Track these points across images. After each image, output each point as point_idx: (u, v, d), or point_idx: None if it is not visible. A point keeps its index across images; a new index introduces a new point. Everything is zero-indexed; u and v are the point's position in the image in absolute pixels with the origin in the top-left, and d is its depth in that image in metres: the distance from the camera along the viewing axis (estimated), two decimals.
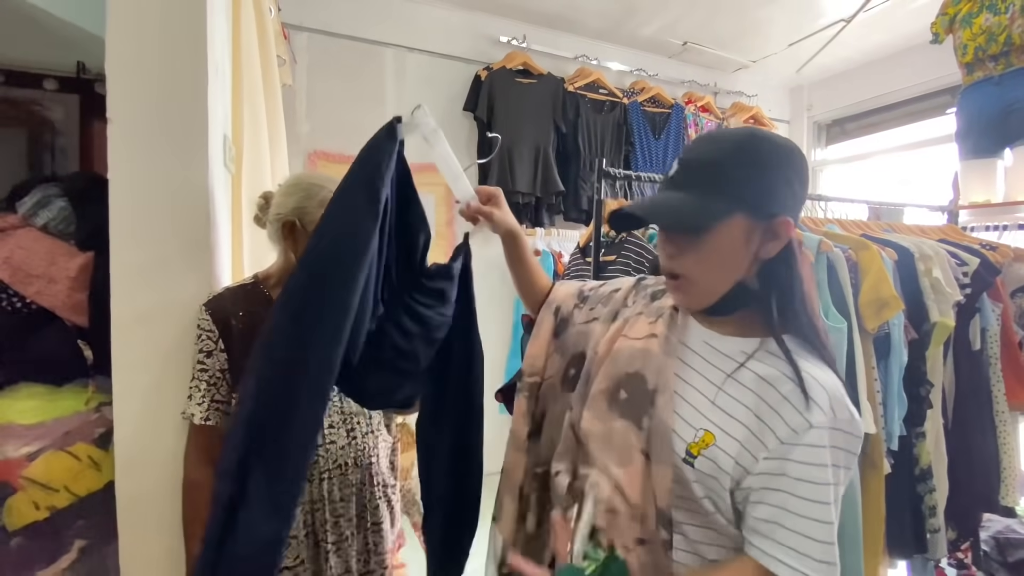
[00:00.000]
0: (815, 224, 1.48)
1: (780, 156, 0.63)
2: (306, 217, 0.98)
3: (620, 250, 1.16)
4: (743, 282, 0.65)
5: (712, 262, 0.64)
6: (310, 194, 0.99)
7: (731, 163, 0.62)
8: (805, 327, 0.64)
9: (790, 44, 3.16)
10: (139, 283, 0.95)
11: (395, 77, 2.61)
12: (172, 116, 0.97)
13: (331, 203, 0.79)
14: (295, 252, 1.01)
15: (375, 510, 1.06)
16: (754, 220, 0.62)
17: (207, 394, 0.93)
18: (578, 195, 2.76)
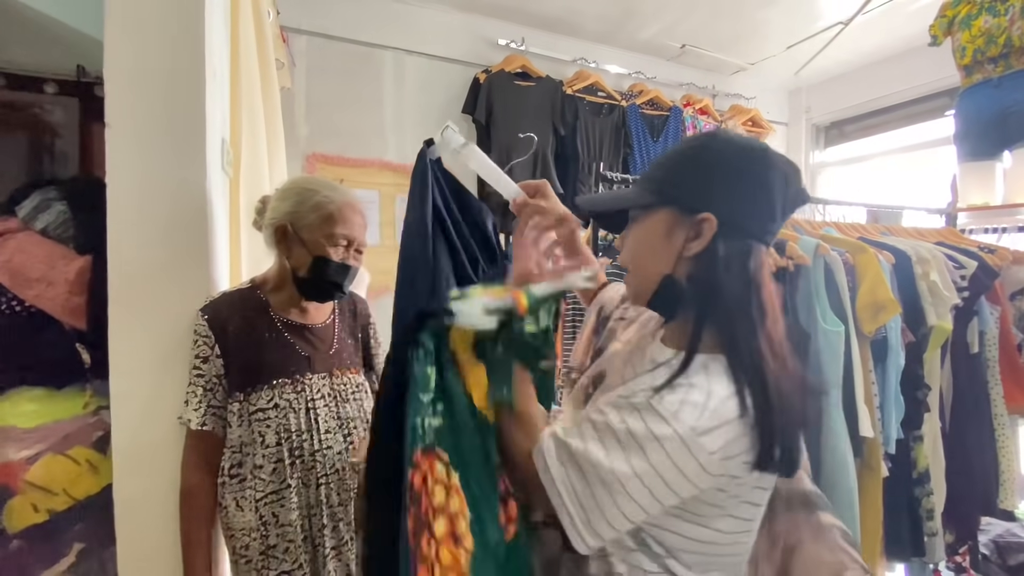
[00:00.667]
0: (812, 227, 1.49)
1: (726, 157, 0.62)
2: (299, 222, 0.99)
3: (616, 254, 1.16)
4: (672, 279, 0.63)
5: (638, 252, 0.67)
6: (303, 199, 1.00)
7: (673, 162, 0.66)
8: (739, 345, 0.59)
9: (788, 47, 3.16)
10: (137, 287, 0.95)
11: (394, 80, 2.61)
12: (170, 120, 0.98)
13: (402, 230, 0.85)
14: (288, 257, 1.01)
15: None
16: (680, 215, 0.62)
17: (204, 399, 0.93)
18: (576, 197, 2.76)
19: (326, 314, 1.10)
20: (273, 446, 0.95)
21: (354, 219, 1.02)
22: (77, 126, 1.80)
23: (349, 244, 1.02)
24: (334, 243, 0.99)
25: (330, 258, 0.98)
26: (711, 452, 0.54)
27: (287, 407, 0.96)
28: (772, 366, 0.58)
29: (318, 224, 0.98)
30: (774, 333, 0.60)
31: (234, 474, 0.94)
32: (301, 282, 1.00)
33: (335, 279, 1.00)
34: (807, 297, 1.25)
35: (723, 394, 0.57)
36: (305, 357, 1.02)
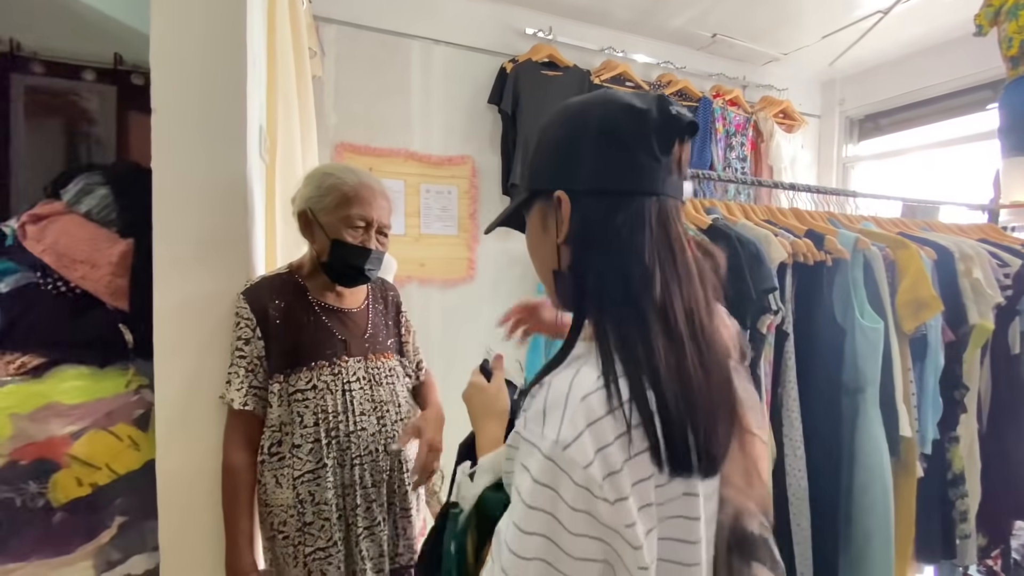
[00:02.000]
0: (850, 221, 1.45)
1: (554, 125, 0.56)
2: (316, 206, 1.00)
3: None
4: (559, 272, 0.56)
5: (531, 255, 0.61)
6: (320, 183, 1.01)
7: (530, 151, 0.61)
8: (610, 321, 0.49)
9: (824, 36, 3.07)
10: (180, 270, 0.98)
11: (421, 70, 2.61)
12: (213, 107, 0.99)
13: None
14: (312, 241, 1.03)
15: (404, 496, 1.08)
16: (545, 204, 0.56)
17: (245, 380, 0.95)
18: None
19: (361, 299, 1.12)
20: (311, 426, 0.96)
21: (372, 199, 1.01)
22: (114, 113, 1.85)
23: (368, 226, 1.01)
24: (350, 224, 0.99)
25: (346, 240, 0.98)
26: (585, 466, 0.43)
27: (325, 388, 0.98)
28: (662, 343, 0.47)
29: (333, 206, 0.99)
30: (672, 303, 0.49)
31: (274, 452, 0.97)
32: (326, 268, 1.02)
33: (354, 262, 1.00)
34: (844, 292, 1.22)
35: (587, 387, 0.46)
36: (342, 340, 1.03)
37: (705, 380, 0.48)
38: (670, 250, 0.51)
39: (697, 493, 0.48)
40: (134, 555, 1.13)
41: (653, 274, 0.50)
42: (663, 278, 0.50)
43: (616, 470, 0.44)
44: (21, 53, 1.72)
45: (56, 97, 1.82)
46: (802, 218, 1.36)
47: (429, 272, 2.68)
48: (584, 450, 0.43)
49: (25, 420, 1.06)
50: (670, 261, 0.51)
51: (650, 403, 0.45)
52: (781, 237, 1.14)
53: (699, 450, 0.46)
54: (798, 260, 1.14)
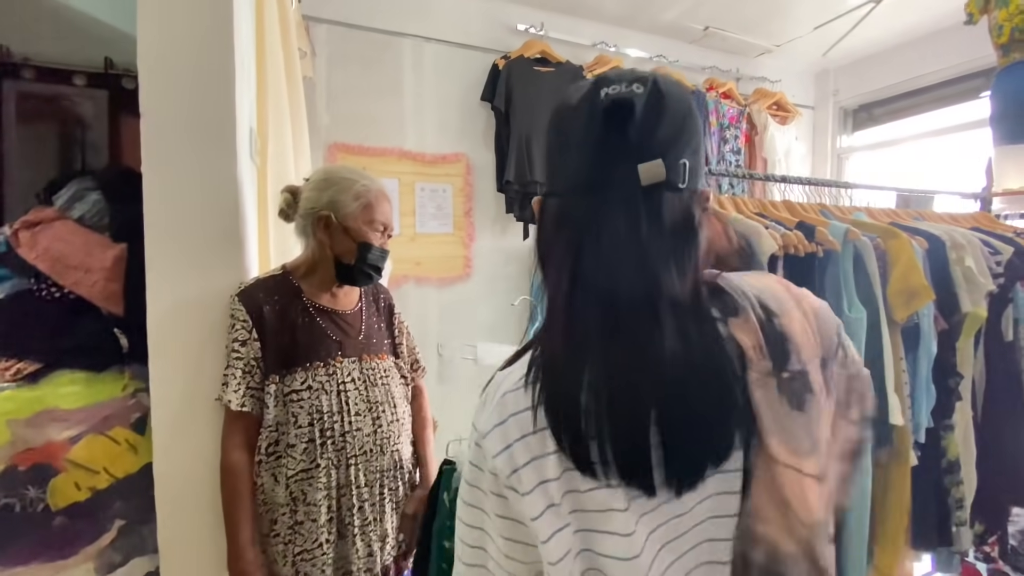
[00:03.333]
0: (842, 212, 1.45)
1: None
2: (341, 211, 1.03)
3: None
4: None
5: None
6: (343, 188, 1.04)
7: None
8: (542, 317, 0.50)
9: (816, 27, 3.07)
10: (173, 274, 0.98)
11: (413, 68, 2.61)
12: (202, 111, 0.99)
13: None
14: (331, 246, 1.05)
15: (395, 495, 1.08)
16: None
17: (243, 381, 0.96)
18: None
19: (354, 301, 1.12)
20: (306, 426, 0.97)
21: (386, 206, 1.08)
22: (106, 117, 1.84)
23: (385, 229, 1.08)
24: (375, 228, 1.05)
25: (372, 243, 1.04)
26: (493, 456, 0.46)
27: (320, 389, 0.99)
28: (574, 349, 0.46)
29: (360, 212, 1.04)
30: (584, 307, 0.46)
31: (271, 452, 0.97)
32: (346, 268, 1.05)
33: (376, 262, 1.06)
34: (835, 284, 1.23)
35: (508, 386, 0.48)
36: (336, 341, 1.04)
37: (633, 389, 0.44)
38: (597, 249, 0.46)
39: (623, 508, 0.44)
40: (134, 558, 1.14)
41: (571, 278, 0.46)
42: (582, 282, 0.46)
43: (519, 466, 0.45)
44: (11, 59, 1.72)
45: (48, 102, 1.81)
46: (794, 210, 1.36)
47: (425, 271, 2.69)
48: (494, 443, 0.46)
49: (23, 426, 1.07)
50: (598, 261, 0.46)
51: (559, 409, 0.44)
52: (772, 229, 1.14)
53: (606, 459, 0.43)
54: (789, 252, 1.14)
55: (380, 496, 1.05)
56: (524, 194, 2.62)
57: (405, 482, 1.11)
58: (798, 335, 0.49)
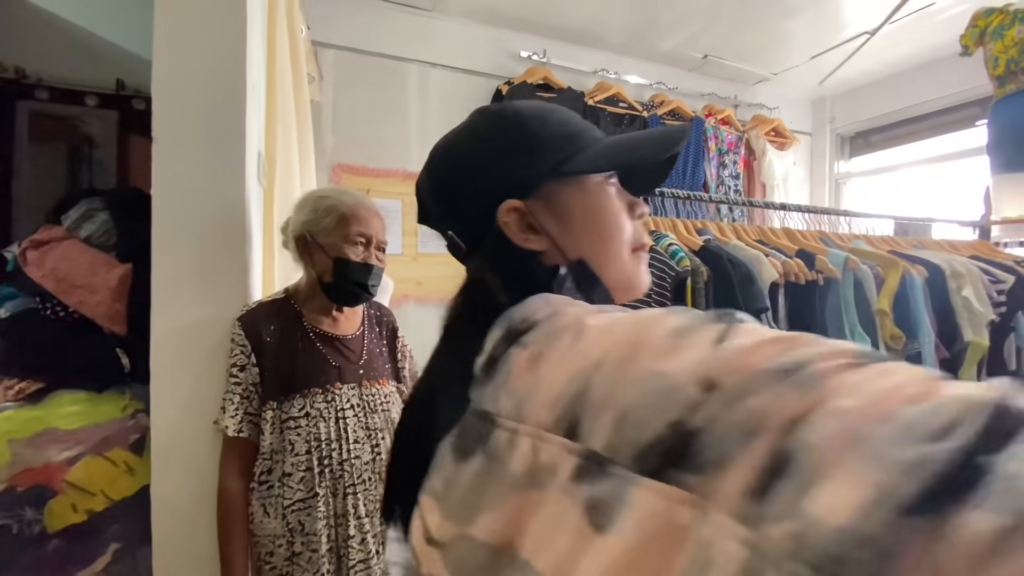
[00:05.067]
0: (841, 240, 1.47)
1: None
2: (315, 228, 1.02)
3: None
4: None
5: None
6: (316, 206, 1.03)
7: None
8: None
9: (812, 56, 3.14)
10: (178, 296, 0.99)
11: (418, 92, 2.66)
12: (212, 135, 1.01)
13: None
14: (312, 266, 1.04)
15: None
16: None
17: (240, 407, 0.95)
18: None
19: (356, 325, 1.12)
20: (303, 454, 0.96)
21: (368, 218, 1.04)
22: (115, 137, 1.88)
23: (368, 243, 1.04)
24: (351, 242, 1.01)
25: (349, 258, 1.01)
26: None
27: (318, 416, 0.98)
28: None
29: (333, 227, 1.01)
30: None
31: (263, 481, 0.96)
32: (328, 288, 1.03)
33: (357, 279, 1.02)
34: (836, 312, 1.23)
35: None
36: (335, 367, 1.04)
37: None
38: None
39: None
40: None
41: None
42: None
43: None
44: (26, 80, 1.75)
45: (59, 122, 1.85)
46: (794, 238, 1.37)
47: (427, 291, 2.69)
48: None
49: (23, 446, 1.06)
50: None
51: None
52: (772, 257, 1.15)
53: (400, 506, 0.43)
54: (789, 280, 1.15)
55: (380, 528, 1.04)
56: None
57: None
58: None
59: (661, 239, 1.17)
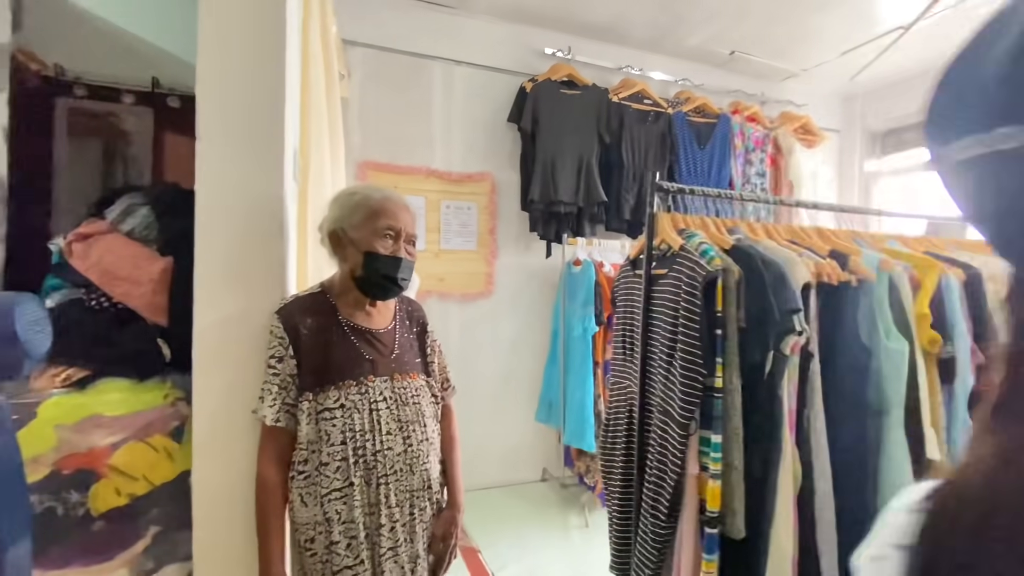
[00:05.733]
0: (875, 240, 1.44)
1: None
2: (345, 223, 1.05)
3: (672, 264, 1.16)
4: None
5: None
6: (346, 201, 1.06)
7: None
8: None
9: (843, 52, 3.07)
10: (219, 289, 1.02)
11: (443, 89, 2.68)
12: (253, 133, 1.04)
13: None
14: (344, 260, 1.07)
15: (424, 515, 1.09)
16: None
17: (278, 397, 0.98)
18: (620, 205, 2.75)
19: (388, 319, 1.14)
20: (338, 444, 0.99)
21: (397, 212, 1.06)
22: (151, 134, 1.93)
23: (397, 236, 1.05)
24: (380, 236, 1.03)
25: (378, 252, 1.03)
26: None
27: (352, 407, 1.01)
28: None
29: (362, 221, 1.03)
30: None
31: (301, 470, 0.99)
32: (360, 282, 1.06)
33: (387, 272, 1.04)
34: (869, 313, 1.21)
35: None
36: (369, 360, 1.06)
37: None
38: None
39: None
40: (166, 564, 1.16)
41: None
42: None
43: None
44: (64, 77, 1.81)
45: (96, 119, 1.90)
46: (826, 237, 1.35)
47: (448, 287, 2.72)
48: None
49: (69, 431, 1.11)
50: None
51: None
52: (805, 257, 1.14)
53: None
54: (822, 281, 1.14)
55: (411, 516, 1.05)
56: (548, 213, 2.65)
57: (433, 502, 1.12)
58: None
59: (691, 237, 1.17)
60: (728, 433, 1.03)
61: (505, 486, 2.82)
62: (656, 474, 1.13)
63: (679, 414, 1.07)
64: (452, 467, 1.20)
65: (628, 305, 1.37)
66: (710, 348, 1.04)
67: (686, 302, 1.08)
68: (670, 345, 1.14)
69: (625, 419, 1.34)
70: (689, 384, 1.05)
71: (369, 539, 1.00)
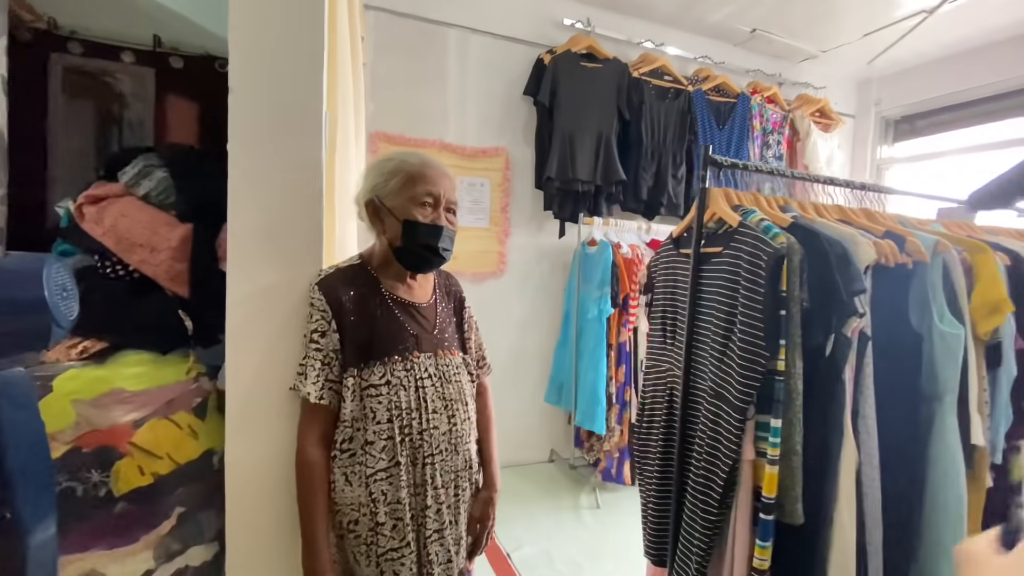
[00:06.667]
0: (920, 223, 1.41)
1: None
2: (382, 191, 0.99)
3: (729, 241, 1.11)
4: None
5: None
6: (381, 169, 1.00)
7: None
8: None
9: (865, 34, 3.02)
10: (255, 258, 0.95)
11: (457, 58, 2.57)
12: (289, 91, 0.96)
13: None
14: (383, 231, 1.01)
15: (466, 496, 1.05)
16: None
17: (321, 373, 0.92)
18: (637, 185, 2.69)
19: (429, 293, 1.09)
20: (384, 422, 0.93)
21: (435, 177, 0.99)
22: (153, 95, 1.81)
23: (436, 203, 0.99)
24: (419, 203, 0.97)
25: (418, 219, 0.97)
26: None
27: (398, 384, 0.95)
28: None
29: (399, 188, 0.97)
30: None
31: (345, 449, 0.94)
32: (400, 253, 1.00)
33: (427, 241, 0.98)
34: (921, 296, 1.18)
35: None
36: (413, 335, 1.00)
37: None
38: None
39: None
40: (192, 546, 1.11)
41: None
42: None
43: None
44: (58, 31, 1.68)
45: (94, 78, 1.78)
46: (874, 218, 1.32)
47: (460, 265, 2.65)
48: None
49: (88, 406, 1.04)
50: None
51: None
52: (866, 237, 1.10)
53: None
54: (880, 262, 1.10)
55: (455, 497, 1.01)
56: (565, 192, 2.58)
57: (473, 483, 1.08)
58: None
59: (749, 214, 1.12)
60: (789, 417, 1.00)
61: (513, 466, 2.81)
62: (707, 460, 1.10)
63: (737, 398, 1.03)
64: (489, 447, 1.16)
65: (670, 286, 1.32)
66: (773, 329, 1.00)
67: (748, 281, 1.04)
68: (726, 327, 1.09)
69: (664, 403, 1.31)
70: (749, 367, 1.01)
71: (415, 520, 0.96)
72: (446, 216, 1.01)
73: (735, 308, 1.07)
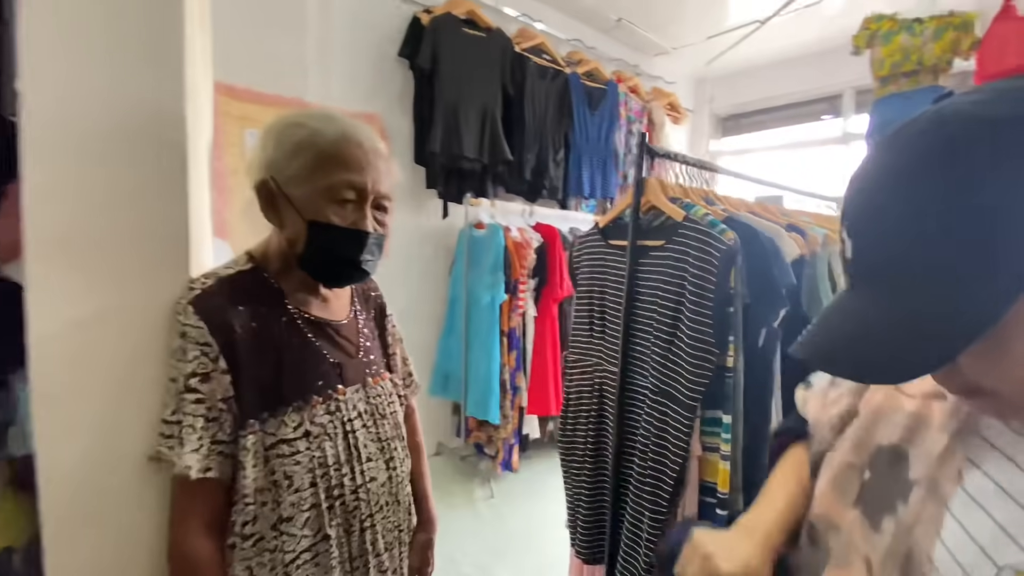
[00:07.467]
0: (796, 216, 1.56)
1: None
2: (281, 173, 0.69)
3: (672, 235, 1.07)
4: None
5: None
6: (284, 138, 0.69)
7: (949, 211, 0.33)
8: None
9: (708, 37, 3.33)
10: (71, 270, 0.60)
11: (319, 5, 2.15)
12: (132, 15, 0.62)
13: None
14: (280, 225, 0.72)
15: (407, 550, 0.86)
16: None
17: (205, 434, 0.63)
18: (521, 165, 2.61)
19: (347, 305, 0.84)
20: (306, 488, 0.69)
21: (362, 158, 0.69)
22: None
23: (361, 198, 0.71)
24: (335, 198, 0.68)
25: (331, 221, 0.69)
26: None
27: (321, 434, 0.71)
28: None
29: (307, 173, 0.68)
30: None
31: (248, 534, 0.67)
32: (305, 264, 0.72)
33: (343, 252, 0.71)
34: (811, 285, 1.30)
35: None
36: (335, 364, 0.76)
37: None
38: None
39: None
40: None
41: None
42: None
43: None
44: None
45: None
46: (771, 212, 1.41)
47: None
48: None
49: None
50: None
51: None
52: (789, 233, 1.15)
53: None
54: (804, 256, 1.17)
55: (400, 561, 0.81)
56: (450, 169, 2.38)
57: (411, 529, 0.89)
58: None
59: (691, 208, 1.09)
60: (736, 412, 1.01)
61: None
62: (653, 458, 1.06)
63: (686, 395, 1.01)
64: (423, 480, 0.97)
65: (598, 278, 1.26)
66: (723, 326, 0.99)
67: (696, 277, 1.00)
68: (671, 323, 1.06)
69: (595, 399, 1.25)
70: (699, 364, 0.99)
71: None
72: (374, 215, 0.73)
73: (681, 304, 1.04)
